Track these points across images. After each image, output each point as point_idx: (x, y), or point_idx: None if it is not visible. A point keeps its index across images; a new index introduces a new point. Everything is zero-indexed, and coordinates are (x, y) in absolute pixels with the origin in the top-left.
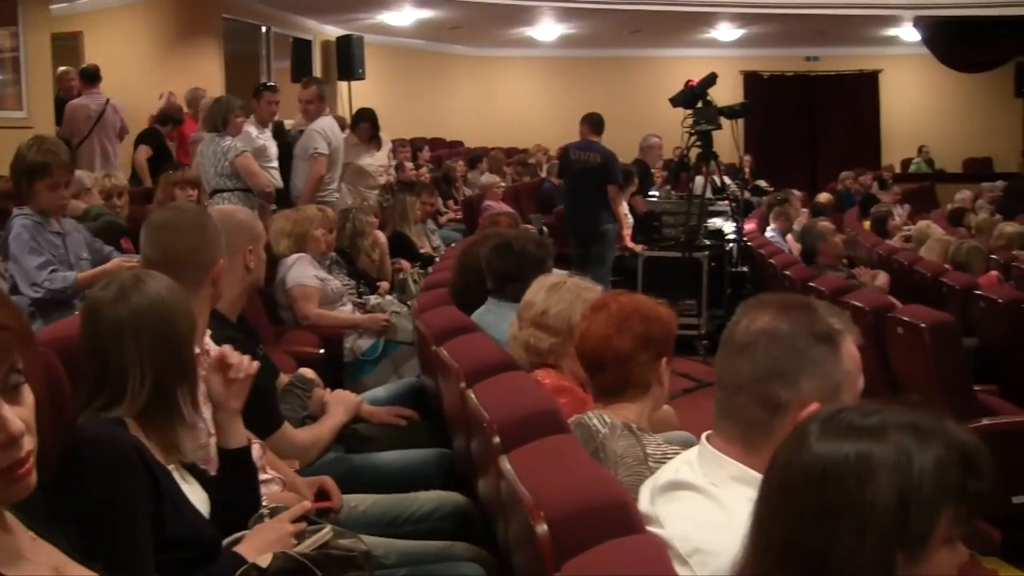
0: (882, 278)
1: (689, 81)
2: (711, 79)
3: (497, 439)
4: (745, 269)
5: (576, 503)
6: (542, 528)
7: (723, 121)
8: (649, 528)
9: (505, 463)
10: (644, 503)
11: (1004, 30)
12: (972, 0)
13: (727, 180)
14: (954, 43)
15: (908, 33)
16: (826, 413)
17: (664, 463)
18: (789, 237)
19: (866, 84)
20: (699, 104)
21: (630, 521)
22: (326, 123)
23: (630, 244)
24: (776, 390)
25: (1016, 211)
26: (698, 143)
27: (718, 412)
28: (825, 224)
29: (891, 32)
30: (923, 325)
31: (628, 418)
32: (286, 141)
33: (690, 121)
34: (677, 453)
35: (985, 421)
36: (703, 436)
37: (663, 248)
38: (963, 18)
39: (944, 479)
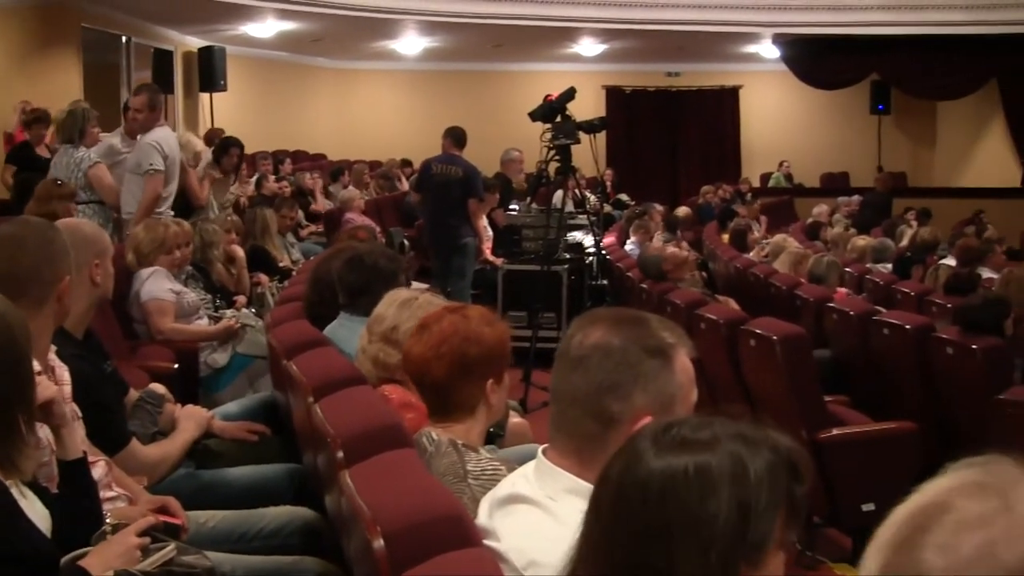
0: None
1: (548, 96)
2: (570, 93)
3: (340, 454)
4: (605, 282)
5: (412, 517)
6: (379, 542)
7: (582, 135)
8: (487, 542)
9: (345, 477)
10: (483, 517)
11: (860, 48)
12: (829, 19)
13: (588, 194)
14: (812, 60)
15: (767, 50)
16: (657, 427)
17: (484, 479)
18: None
19: (726, 99)
20: (558, 118)
21: (466, 534)
22: (161, 135)
23: (490, 257)
24: (609, 404)
25: (871, 224)
26: (557, 157)
27: (553, 426)
28: (655, 245)
29: (751, 49)
30: (774, 338)
31: (456, 435)
32: None
33: (549, 135)
34: (499, 469)
35: (836, 431)
36: (539, 449)
37: (523, 261)
38: (821, 36)
39: (776, 486)
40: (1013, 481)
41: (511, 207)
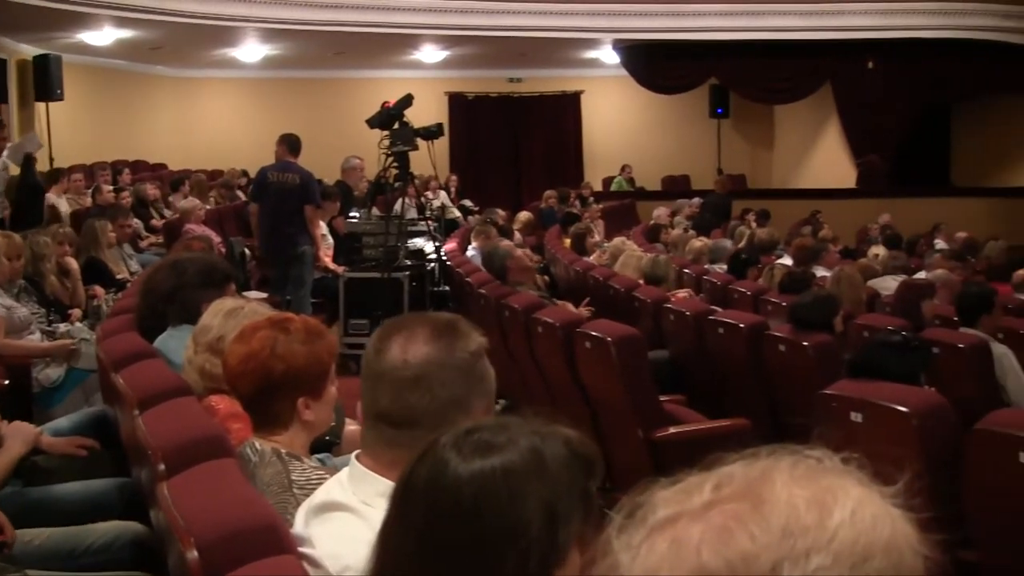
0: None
1: (386, 102)
2: (407, 100)
3: (162, 466)
4: (447, 288)
5: (225, 528)
6: (192, 553)
7: (420, 142)
8: (302, 549)
9: (163, 489)
10: (299, 525)
11: (699, 53)
12: (668, 25)
13: (432, 199)
14: (652, 65)
15: (608, 56)
16: (456, 433)
17: (309, 488)
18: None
19: (568, 105)
20: (396, 125)
21: (280, 543)
22: None
23: (331, 265)
24: (455, 418)
25: (712, 226)
26: (395, 164)
27: (372, 439)
28: (507, 243)
29: (591, 55)
30: (609, 339)
31: (280, 445)
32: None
33: (387, 142)
34: (324, 478)
35: (672, 430)
36: (353, 455)
37: (364, 269)
38: (660, 42)
39: (574, 484)
40: (740, 474)
41: (352, 215)
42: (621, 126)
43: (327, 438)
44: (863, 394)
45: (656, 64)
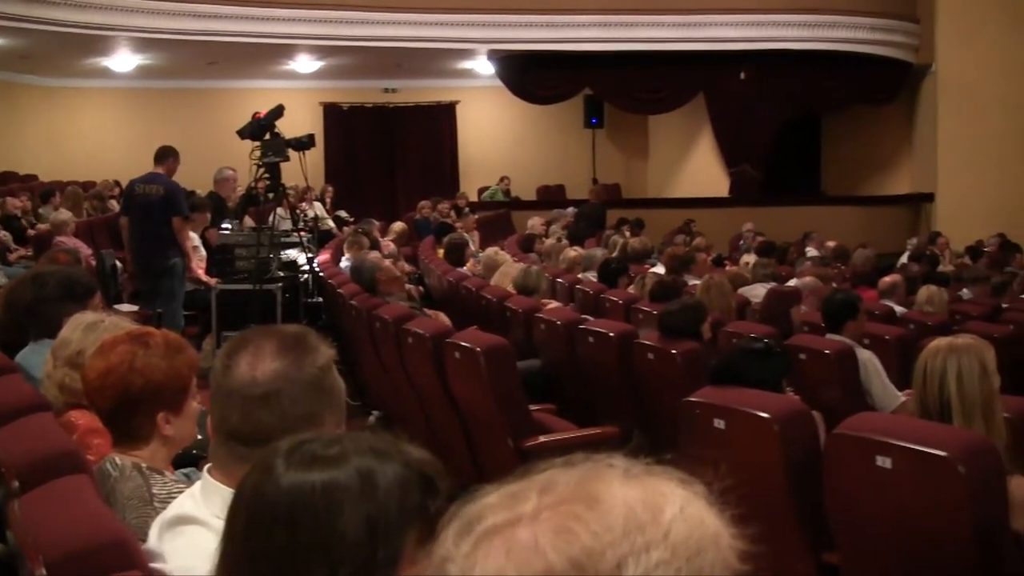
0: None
1: (256, 113)
2: (278, 111)
3: (16, 483)
4: (320, 299)
5: (74, 544)
6: (41, 571)
7: (292, 153)
8: (154, 564)
9: (16, 507)
10: (153, 539)
11: (573, 64)
12: (543, 36)
13: (306, 210)
14: (526, 76)
15: (483, 66)
16: (291, 443)
17: (171, 502)
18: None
19: (444, 115)
20: (267, 136)
21: (129, 559)
22: None
23: (204, 277)
24: (306, 433)
25: (586, 235)
26: (266, 175)
27: (223, 455)
28: (376, 254)
29: (467, 65)
30: (478, 349)
31: (141, 459)
32: None
33: (258, 153)
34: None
35: (542, 439)
36: (205, 469)
37: (237, 281)
38: (534, 52)
39: (407, 501)
40: (554, 482)
41: (224, 226)
42: (496, 136)
43: (194, 451)
44: (726, 401)
45: (531, 74)
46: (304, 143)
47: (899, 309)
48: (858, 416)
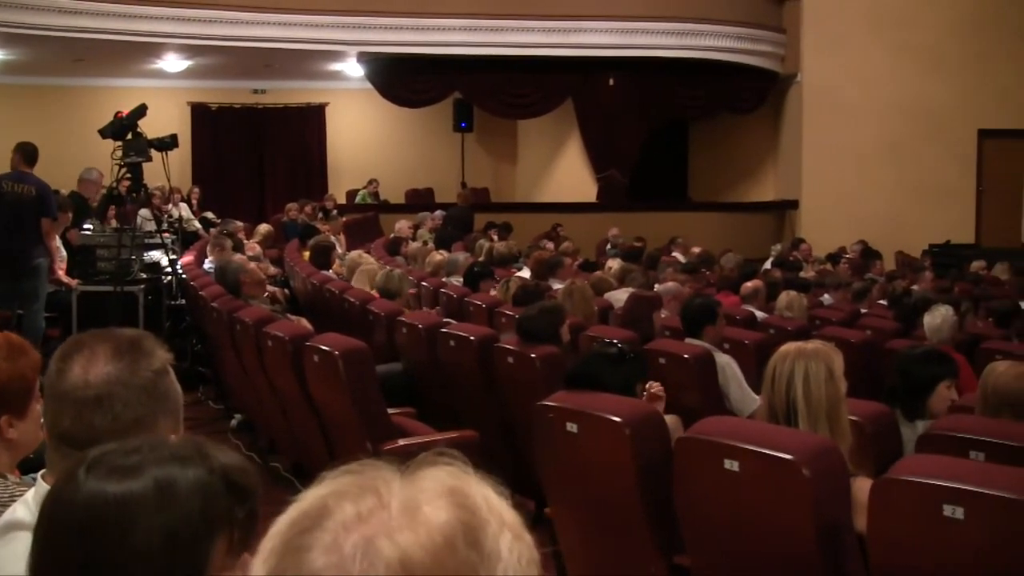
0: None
1: (119, 112)
2: (141, 110)
3: None
4: (184, 302)
5: None
6: None
7: (155, 153)
8: None
9: None
10: None
11: (443, 68)
12: (413, 39)
13: (170, 211)
14: (396, 79)
15: (353, 68)
16: (97, 452)
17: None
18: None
19: (313, 117)
20: (129, 136)
21: None
22: None
23: (65, 279)
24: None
25: (454, 239)
26: (128, 176)
27: (56, 460)
28: (241, 257)
29: (336, 67)
30: (336, 353)
31: None
32: None
33: (120, 153)
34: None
35: (401, 442)
36: (39, 474)
37: (98, 282)
38: (404, 55)
39: (211, 509)
40: (386, 481)
41: (86, 227)
42: (366, 139)
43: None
44: (579, 405)
45: (400, 77)
46: (167, 143)
47: (760, 314)
48: (707, 420)
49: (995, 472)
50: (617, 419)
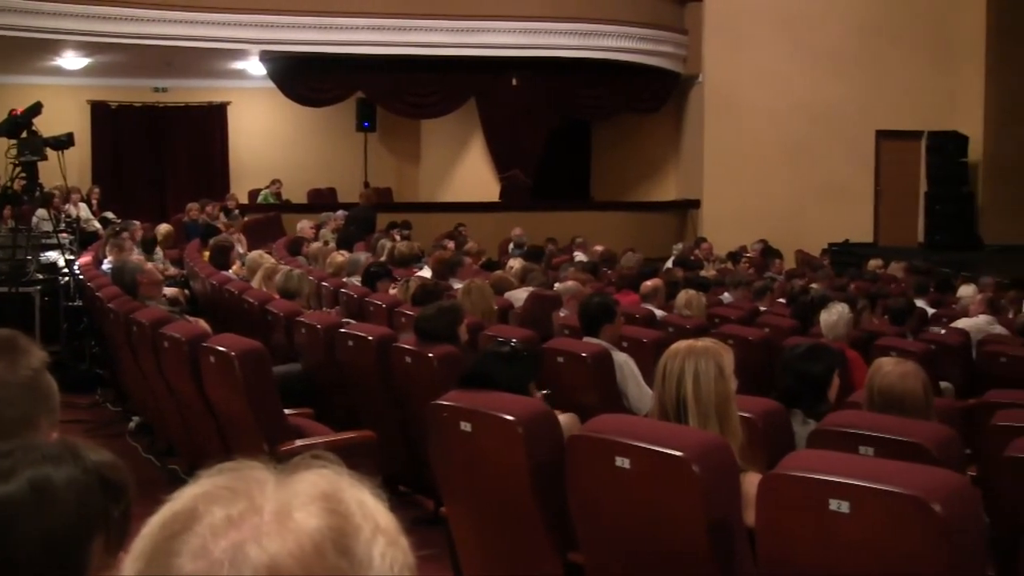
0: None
1: (13, 110)
2: (36, 108)
3: None
4: (81, 303)
5: None
6: None
7: (51, 152)
8: None
9: None
10: None
11: (346, 67)
12: (316, 38)
13: (68, 210)
14: (299, 78)
15: (255, 67)
16: None
17: None
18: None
19: (215, 116)
20: (24, 134)
21: None
22: None
23: None
24: (22, 437)
25: (356, 239)
26: (23, 175)
27: None
28: (139, 257)
29: (239, 65)
30: (233, 354)
31: None
32: None
33: (14, 152)
34: None
35: (299, 443)
36: None
37: None
38: (307, 54)
39: (87, 508)
40: (260, 484)
41: None
42: (268, 138)
43: None
44: (472, 404)
45: (303, 77)
46: (62, 142)
47: (659, 313)
48: (599, 418)
49: (880, 467)
50: (510, 418)
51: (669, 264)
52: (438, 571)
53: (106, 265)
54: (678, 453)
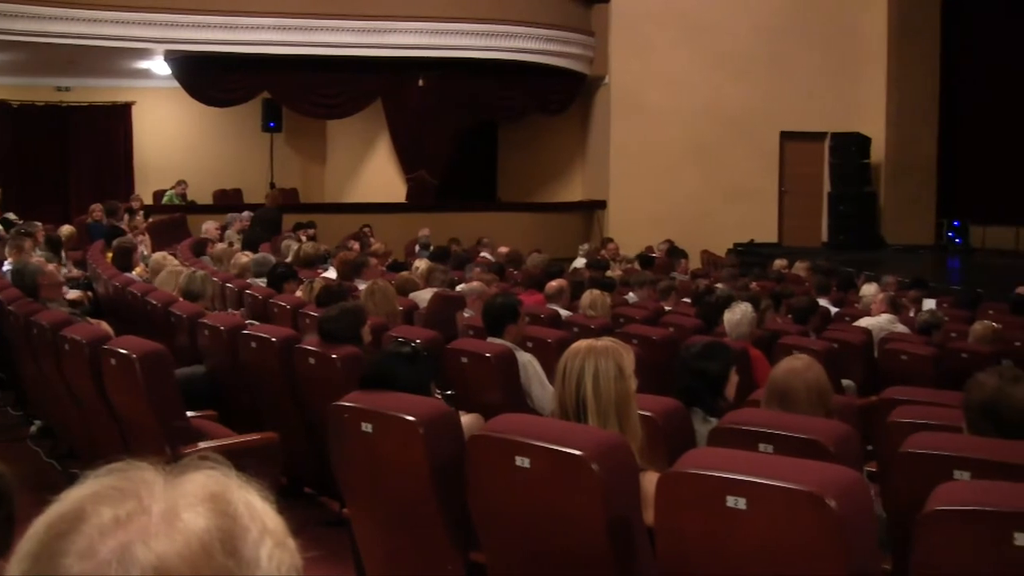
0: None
1: None
2: None
3: None
4: None
5: None
6: None
7: None
8: None
9: None
10: None
11: (251, 67)
12: (221, 37)
13: None
14: (204, 78)
15: (160, 66)
16: None
17: None
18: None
19: (119, 116)
20: None
21: None
22: None
23: None
24: None
25: (261, 240)
26: None
27: None
28: (39, 258)
29: (143, 65)
30: (134, 356)
31: None
32: None
33: None
34: None
35: (201, 445)
36: None
37: None
38: (212, 54)
39: None
40: (148, 484)
41: None
42: (173, 138)
43: None
44: (373, 405)
45: (209, 76)
46: None
47: (564, 312)
48: (500, 417)
49: (776, 463)
50: (411, 418)
51: (575, 264)
52: (342, 572)
53: (6, 267)
54: (577, 452)
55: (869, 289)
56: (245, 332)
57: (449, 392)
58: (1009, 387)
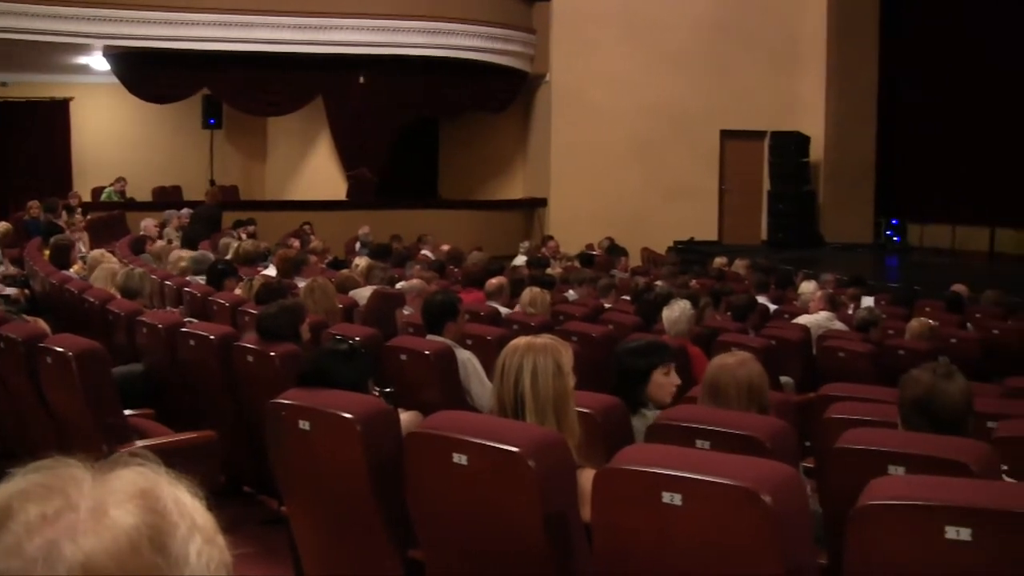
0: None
1: None
2: None
3: None
4: None
5: None
6: None
7: None
8: None
9: None
10: None
11: (191, 63)
12: (160, 33)
13: None
14: (143, 74)
15: (98, 62)
16: None
17: None
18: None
19: (57, 112)
20: None
21: None
22: None
23: None
24: None
25: (201, 238)
26: None
27: None
28: None
29: (82, 60)
30: (70, 354)
31: None
32: None
33: None
34: None
35: (139, 444)
36: None
37: None
38: (151, 50)
39: None
40: (77, 481)
41: None
42: (112, 135)
43: None
44: (310, 402)
45: (148, 73)
46: None
47: (504, 310)
48: (438, 414)
49: (712, 459)
50: (348, 416)
51: (516, 262)
52: (281, 570)
53: None
54: (514, 449)
55: (808, 287)
56: (183, 330)
57: (388, 390)
58: (942, 383)
